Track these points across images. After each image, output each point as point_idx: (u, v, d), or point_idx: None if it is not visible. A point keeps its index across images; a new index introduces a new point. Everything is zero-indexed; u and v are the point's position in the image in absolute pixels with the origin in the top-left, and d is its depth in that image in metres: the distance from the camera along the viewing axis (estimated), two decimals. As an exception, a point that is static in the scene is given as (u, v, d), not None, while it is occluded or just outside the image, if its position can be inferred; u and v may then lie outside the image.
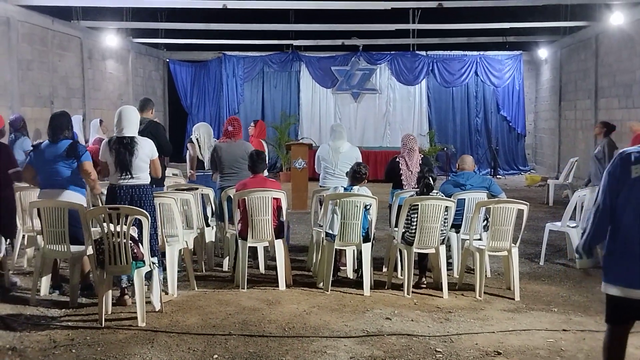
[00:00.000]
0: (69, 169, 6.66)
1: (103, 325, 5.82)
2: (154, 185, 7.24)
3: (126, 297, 6.47)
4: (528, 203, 7.07)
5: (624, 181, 3.91)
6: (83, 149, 6.83)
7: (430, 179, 7.18)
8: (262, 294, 6.97)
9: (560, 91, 19.02)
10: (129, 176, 6.42)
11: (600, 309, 5.00)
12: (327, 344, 5.48)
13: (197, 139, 9.12)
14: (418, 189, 7.37)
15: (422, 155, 8.35)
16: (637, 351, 5.12)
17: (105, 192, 6.83)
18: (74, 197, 6.65)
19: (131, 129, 6.52)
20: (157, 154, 6.74)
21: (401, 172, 8.11)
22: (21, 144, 9.54)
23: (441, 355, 5.25)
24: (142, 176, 6.51)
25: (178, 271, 7.10)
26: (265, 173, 7.93)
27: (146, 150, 6.51)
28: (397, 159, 8.21)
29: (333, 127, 8.92)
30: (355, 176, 7.32)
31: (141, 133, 6.88)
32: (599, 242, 4.06)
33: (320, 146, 9.07)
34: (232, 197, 7.46)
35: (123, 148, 6.40)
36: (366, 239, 7.14)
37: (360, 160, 8.14)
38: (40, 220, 6.51)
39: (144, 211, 6.00)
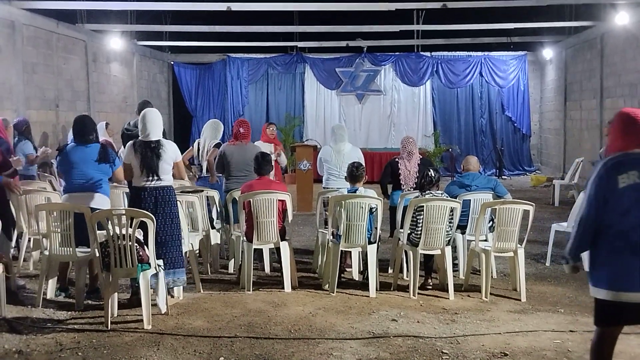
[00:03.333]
0: (99, 172, 6.69)
1: (109, 328, 5.83)
2: None
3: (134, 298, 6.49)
4: (534, 204, 7.06)
5: (612, 190, 3.91)
6: (114, 154, 6.89)
7: (432, 171, 7.19)
8: (268, 296, 6.97)
9: (566, 91, 18.99)
10: (156, 178, 6.43)
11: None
12: (333, 345, 5.47)
13: (198, 143, 9.05)
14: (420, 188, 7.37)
15: (422, 157, 8.38)
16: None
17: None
18: (104, 200, 6.70)
19: (157, 131, 6.55)
20: (180, 157, 6.77)
21: (400, 172, 8.15)
22: (22, 146, 9.58)
23: (447, 357, 5.24)
24: (166, 178, 6.53)
25: (184, 273, 7.11)
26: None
27: (170, 153, 6.54)
28: (397, 159, 8.29)
29: (334, 129, 8.90)
30: (354, 175, 7.32)
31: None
32: (584, 251, 4.08)
33: (322, 148, 9.08)
34: (237, 199, 7.47)
35: (150, 151, 6.42)
36: (371, 240, 7.14)
37: (363, 160, 8.17)
38: (47, 223, 6.52)
39: (149, 214, 6.00)
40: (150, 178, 6.43)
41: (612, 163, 3.96)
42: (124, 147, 7.92)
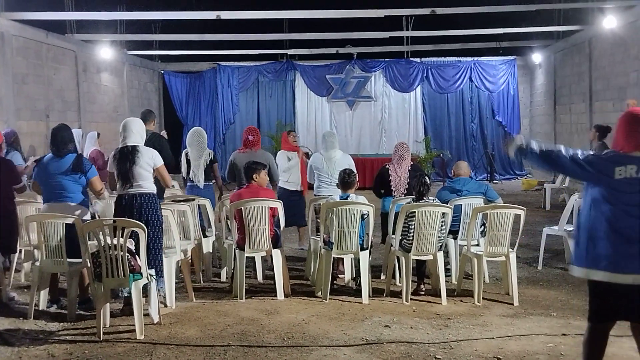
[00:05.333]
0: (74, 183, 6.68)
1: (101, 339, 5.80)
2: None
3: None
4: (525, 208, 7.08)
5: (608, 177, 4.04)
6: (88, 163, 6.86)
7: (426, 177, 7.23)
8: (261, 304, 6.96)
9: (555, 95, 19.08)
10: (129, 184, 6.42)
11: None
12: (326, 353, 5.47)
13: (185, 154, 8.96)
14: (413, 195, 7.37)
15: (412, 163, 8.39)
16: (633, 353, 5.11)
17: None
18: (81, 210, 6.67)
19: (133, 138, 6.53)
20: (161, 162, 6.67)
21: (390, 178, 8.16)
22: (11, 158, 9.52)
23: (441, 362, 5.25)
24: (144, 184, 6.49)
25: (176, 282, 7.09)
26: None
27: (146, 159, 6.49)
28: (387, 166, 8.30)
29: (324, 136, 8.91)
30: (347, 182, 7.34)
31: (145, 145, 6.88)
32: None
33: (313, 155, 9.07)
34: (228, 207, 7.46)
35: (124, 157, 6.43)
36: (363, 247, 7.14)
37: (354, 167, 8.19)
38: (38, 234, 6.49)
39: (140, 223, 5.99)
40: (126, 184, 6.43)
41: (611, 155, 4.13)
42: None
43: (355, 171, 7.80)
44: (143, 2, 15.95)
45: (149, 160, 6.52)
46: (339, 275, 7.87)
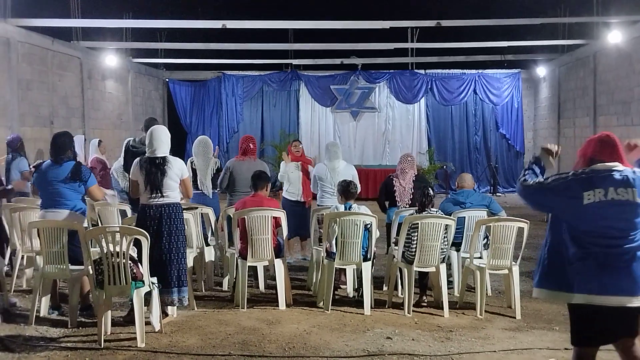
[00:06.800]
0: (71, 191, 6.67)
1: (102, 346, 5.79)
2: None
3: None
4: (528, 221, 7.06)
5: (575, 204, 4.00)
6: (87, 171, 6.82)
7: (430, 189, 7.22)
8: (262, 313, 6.94)
9: (559, 109, 19.08)
10: (159, 195, 6.40)
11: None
12: (327, 364, 5.45)
13: (191, 163, 8.95)
14: (417, 207, 7.37)
15: (417, 173, 8.40)
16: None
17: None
18: (75, 218, 6.65)
19: (163, 148, 6.50)
20: (187, 174, 6.69)
21: (395, 188, 8.17)
22: (17, 164, 9.55)
23: (442, 375, 5.22)
24: (171, 195, 6.48)
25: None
26: None
27: (176, 170, 6.48)
28: (391, 177, 8.33)
29: (328, 147, 8.93)
30: (350, 191, 7.32)
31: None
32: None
33: (317, 166, 9.08)
34: (231, 216, 7.46)
35: (155, 168, 6.39)
36: (366, 257, 7.12)
37: (357, 178, 8.20)
38: (40, 241, 6.49)
39: (143, 231, 5.98)
40: (154, 195, 6.39)
41: (581, 177, 4.06)
42: (123, 163, 7.89)
43: (358, 182, 7.81)
44: (149, 10, 15.99)
45: (178, 172, 6.51)
46: (341, 286, 7.85)
